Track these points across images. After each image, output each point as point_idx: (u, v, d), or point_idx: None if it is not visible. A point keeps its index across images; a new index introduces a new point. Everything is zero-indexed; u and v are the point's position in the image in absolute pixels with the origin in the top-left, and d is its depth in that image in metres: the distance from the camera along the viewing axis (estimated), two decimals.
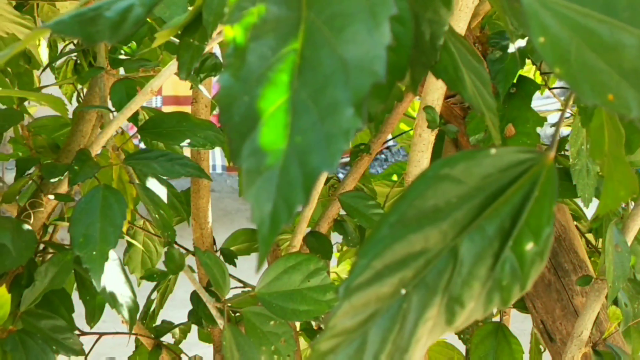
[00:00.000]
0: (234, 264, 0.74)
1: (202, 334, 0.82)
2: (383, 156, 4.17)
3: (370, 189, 0.81)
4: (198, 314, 0.70)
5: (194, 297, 0.70)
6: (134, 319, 0.48)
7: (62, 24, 0.26)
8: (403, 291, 0.25)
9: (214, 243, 0.77)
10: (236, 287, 0.72)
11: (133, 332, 0.70)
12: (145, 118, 0.71)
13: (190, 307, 0.79)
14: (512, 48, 0.68)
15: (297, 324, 0.76)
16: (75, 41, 1.21)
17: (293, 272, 0.53)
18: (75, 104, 1.21)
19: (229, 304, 0.55)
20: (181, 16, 0.42)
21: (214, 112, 0.80)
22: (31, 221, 0.49)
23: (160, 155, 0.51)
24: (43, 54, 1.26)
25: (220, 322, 0.52)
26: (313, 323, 0.81)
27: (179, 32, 0.44)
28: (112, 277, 0.47)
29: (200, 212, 0.75)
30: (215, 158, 3.13)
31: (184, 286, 0.86)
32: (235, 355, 0.48)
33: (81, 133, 0.61)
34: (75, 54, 1.25)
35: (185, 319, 0.80)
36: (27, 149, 0.70)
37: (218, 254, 0.78)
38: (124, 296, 0.48)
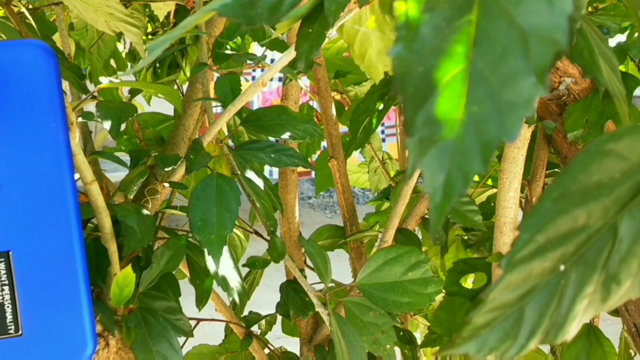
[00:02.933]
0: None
1: (286, 327, 0.83)
2: None
3: None
4: (287, 305, 0.71)
5: (284, 289, 0.71)
6: (243, 303, 0.50)
7: (226, 7, 0.27)
8: (562, 267, 0.25)
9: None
10: (316, 283, 0.73)
11: (226, 320, 0.72)
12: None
13: (258, 306, 0.80)
14: (611, 43, 0.66)
15: None
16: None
17: (394, 264, 0.53)
18: (153, 105, 1.25)
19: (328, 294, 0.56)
20: (301, 7, 0.43)
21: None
22: (149, 206, 0.52)
23: (267, 147, 0.53)
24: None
25: (322, 311, 0.52)
26: None
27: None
28: (223, 262, 0.48)
29: (288, 206, 0.77)
30: None
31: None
32: (342, 341, 0.48)
33: (184, 127, 0.63)
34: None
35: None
36: (128, 143, 0.73)
37: (303, 249, 0.79)
38: (234, 281, 0.49)
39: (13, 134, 0.40)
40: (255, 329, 0.79)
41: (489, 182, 0.91)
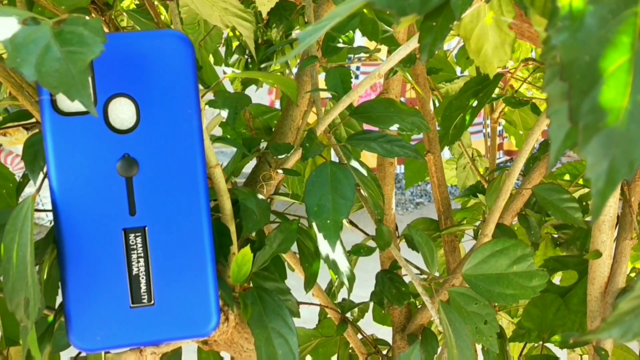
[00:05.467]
0: (417, 250, 0.75)
1: (376, 316, 0.85)
2: None
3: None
4: (382, 294, 0.72)
5: (380, 278, 0.72)
6: (351, 288, 0.51)
7: None
8: None
9: (396, 229, 0.79)
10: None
11: (323, 304, 0.74)
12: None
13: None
14: None
15: None
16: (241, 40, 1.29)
17: (500, 257, 0.54)
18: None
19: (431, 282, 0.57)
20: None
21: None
22: (264, 191, 0.54)
23: (379, 137, 0.54)
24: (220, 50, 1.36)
25: (427, 300, 0.53)
26: None
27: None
28: (336, 247, 0.50)
29: (386, 198, 0.78)
30: None
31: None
32: (449, 329, 0.49)
33: (291, 117, 0.65)
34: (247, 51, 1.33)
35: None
36: (233, 132, 0.76)
37: (399, 240, 0.80)
38: (343, 266, 0.51)
39: (154, 118, 0.43)
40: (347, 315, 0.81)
41: (580, 181, 0.89)
